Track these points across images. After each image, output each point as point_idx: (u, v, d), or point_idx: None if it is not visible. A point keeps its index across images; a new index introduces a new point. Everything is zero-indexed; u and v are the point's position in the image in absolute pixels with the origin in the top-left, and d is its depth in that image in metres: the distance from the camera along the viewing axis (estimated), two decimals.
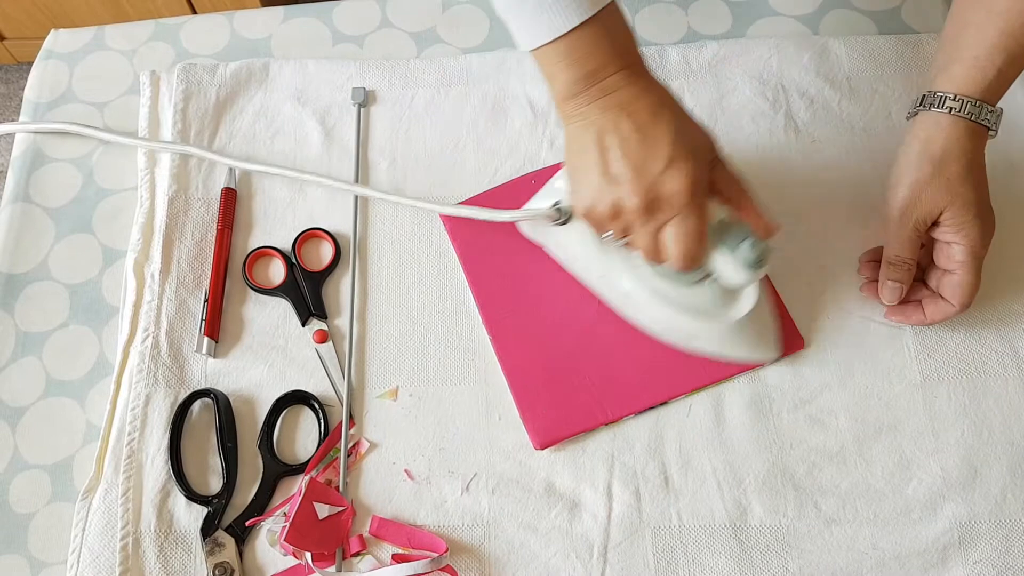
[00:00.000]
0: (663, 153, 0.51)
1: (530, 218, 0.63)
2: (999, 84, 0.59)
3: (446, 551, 0.58)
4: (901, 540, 0.59)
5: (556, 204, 0.60)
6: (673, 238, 0.53)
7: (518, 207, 0.65)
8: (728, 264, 0.55)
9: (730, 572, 0.58)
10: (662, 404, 0.63)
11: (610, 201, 0.53)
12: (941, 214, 0.60)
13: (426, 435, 0.63)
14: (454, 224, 0.69)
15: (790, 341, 0.64)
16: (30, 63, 0.80)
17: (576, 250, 0.64)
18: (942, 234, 0.61)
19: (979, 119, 0.59)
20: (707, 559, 0.59)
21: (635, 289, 0.61)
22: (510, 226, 0.68)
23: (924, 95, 0.61)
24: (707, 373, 0.63)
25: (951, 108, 0.59)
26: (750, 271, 0.55)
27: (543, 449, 0.62)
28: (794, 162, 0.71)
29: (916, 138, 0.60)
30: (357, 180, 0.71)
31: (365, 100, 0.74)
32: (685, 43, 0.77)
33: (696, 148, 0.53)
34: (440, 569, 0.58)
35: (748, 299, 0.60)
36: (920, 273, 0.64)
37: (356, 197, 0.70)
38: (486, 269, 0.67)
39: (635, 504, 0.60)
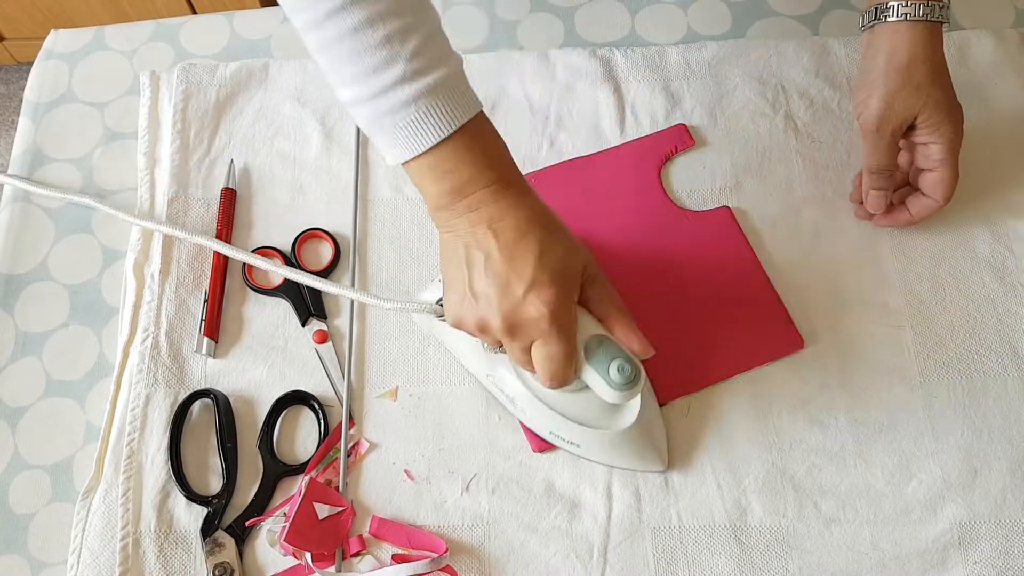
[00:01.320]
0: (525, 276, 0.50)
1: (414, 311, 0.59)
2: None
3: (446, 551, 0.58)
4: (901, 540, 0.59)
5: (440, 300, 0.57)
6: (537, 360, 0.52)
7: None
8: (598, 384, 0.54)
9: (730, 572, 0.58)
10: (661, 405, 0.63)
11: (475, 318, 0.53)
12: (916, 118, 0.62)
13: (426, 435, 0.63)
14: None
15: (789, 341, 0.64)
16: (30, 63, 0.80)
17: (462, 348, 0.63)
18: (919, 136, 0.63)
19: (933, 17, 0.61)
20: (707, 559, 0.59)
21: (519, 393, 0.59)
22: None
23: (876, 8, 0.62)
24: (701, 377, 0.63)
25: (906, 14, 0.61)
26: (619, 392, 0.53)
27: (541, 451, 0.62)
28: (794, 162, 0.71)
29: (879, 51, 0.62)
30: (357, 180, 0.71)
31: None
32: (685, 43, 0.77)
33: (562, 269, 0.52)
34: (440, 569, 0.58)
35: (631, 411, 0.58)
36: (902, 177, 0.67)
37: (356, 197, 0.70)
38: None
39: (635, 504, 0.60)
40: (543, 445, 0.61)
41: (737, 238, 0.68)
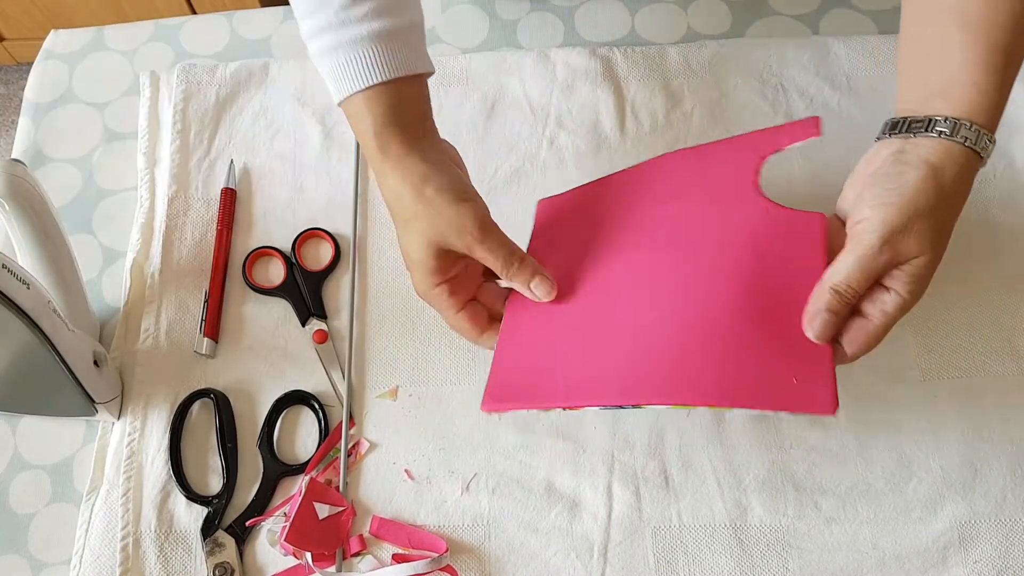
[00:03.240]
0: (406, 256, 0.57)
1: None
2: (1000, 109, 0.53)
3: (446, 551, 0.58)
4: (901, 539, 0.59)
5: None
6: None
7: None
8: None
9: (730, 572, 0.58)
10: (635, 407, 0.52)
11: None
12: (915, 258, 0.50)
13: (426, 435, 0.63)
14: (545, 206, 0.65)
15: (817, 399, 0.51)
16: (30, 63, 0.80)
17: None
18: (890, 278, 0.51)
19: (986, 153, 0.52)
20: (707, 559, 0.59)
21: None
22: (594, 205, 0.62)
23: (932, 119, 0.51)
24: (698, 393, 0.51)
25: (966, 139, 0.50)
26: None
27: (489, 412, 0.56)
28: (794, 162, 0.71)
29: (925, 161, 0.50)
30: (357, 180, 0.71)
31: None
32: (685, 43, 0.77)
33: (412, 259, 0.55)
34: (440, 569, 0.58)
35: None
36: None
37: (356, 197, 0.70)
38: (554, 241, 0.61)
39: (635, 504, 0.60)
40: (492, 407, 0.55)
41: (814, 254, 0.55)
